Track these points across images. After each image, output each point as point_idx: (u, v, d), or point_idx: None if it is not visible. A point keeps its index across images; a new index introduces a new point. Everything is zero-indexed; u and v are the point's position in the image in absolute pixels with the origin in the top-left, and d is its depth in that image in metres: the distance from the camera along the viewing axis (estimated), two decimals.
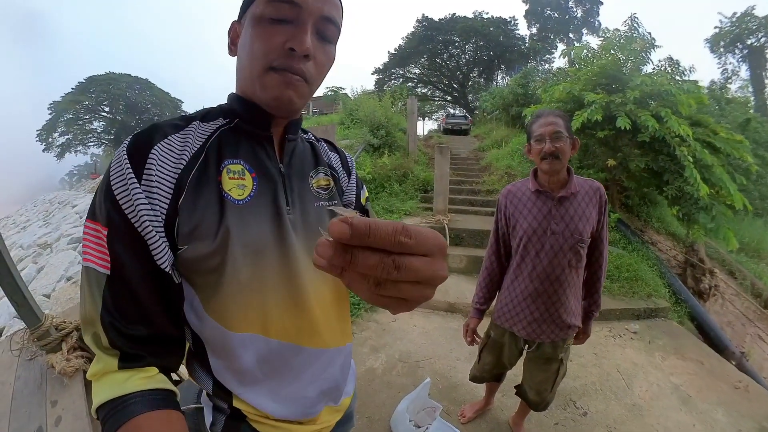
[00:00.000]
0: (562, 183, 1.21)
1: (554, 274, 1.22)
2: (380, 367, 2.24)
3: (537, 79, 9.68)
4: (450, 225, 4.20)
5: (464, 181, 6.34)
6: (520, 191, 1.30)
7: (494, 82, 23.82)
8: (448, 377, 2.15)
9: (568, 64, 6.55)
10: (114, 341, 0.43)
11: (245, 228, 0.48)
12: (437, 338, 2.61)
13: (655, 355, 2.52)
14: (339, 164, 0.67)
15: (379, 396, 1.97)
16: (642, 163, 4.10)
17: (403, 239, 0.21)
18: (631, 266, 3.53)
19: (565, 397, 2.00)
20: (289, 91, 0.47)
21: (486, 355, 1.52)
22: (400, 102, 10.59)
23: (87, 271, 0.44)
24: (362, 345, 2.50)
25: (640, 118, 3.77)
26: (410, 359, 2.33)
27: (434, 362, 2.30)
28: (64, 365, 1.61)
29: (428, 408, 1.71)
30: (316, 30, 0.47)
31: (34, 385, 1.55)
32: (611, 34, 4.85)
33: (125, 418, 0.41)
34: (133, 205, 0.43)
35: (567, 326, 1.28)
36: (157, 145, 0.46)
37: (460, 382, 2.09)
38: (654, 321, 3.03)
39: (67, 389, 1.53)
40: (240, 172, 0.50)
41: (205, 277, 0.48)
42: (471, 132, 12.51)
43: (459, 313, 2.99)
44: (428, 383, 1.71)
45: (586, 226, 1.19)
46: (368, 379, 2.13)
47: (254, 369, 0.52)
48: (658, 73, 4.50)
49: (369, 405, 1.90)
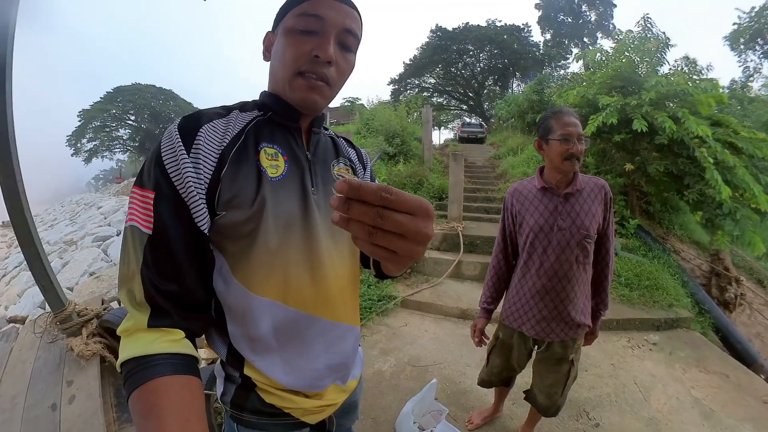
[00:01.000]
0: (567, 180, 1.23)
1: (562, 270, 1.22)
2: (389, 370, 2.23)
3: (552, 85, 9.57)
4: (464, 232, 4.17)
5: (479, 189, 6.32)
6: (526, 189, 1.30)
7: (509, 89, 23.62)
8: (456, 383, 2.12)
9: (582, 68, 6.46)
10: (149, 293, 0.46)
11: (278, 201, 0.54)
12: (448, 344, 2.57)
13: (676, 367, 2.40)
14: (356, 158, 0.74)
15: (386, 398, 1.96)
16: (661, 167, 3.96)
17: (384, 194, 0.27)
18: (651, 274, 3.39)
19: (579, 407, 1.93)
20: (314, 94, 0.55)
21: (494, 357, 1.49)
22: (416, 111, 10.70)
23: (132, 230, 0.48)
24: (372, 348, 2.49)
25: (657, 120, 3.67)
26: (419, 364, 2.31)
27: (443, 367, 2.27)
28: (83, 348, 1.69)
29: (434, 411, 1.68)
30: (338, 40, 0.55)
31: (53, 365, 1.63)
32: (624, 36, 4.78)
33: (147, 378, 0.42)
34: (180, 173, 0.48)
35: (576, 324, 1.26)
36: (204, 125, 0.52)
37: (469, 388, 2.06)
38: (675, 332, 2.90)
39: (83, 371, 1.60)
40: (274, 154, 0.56)
41: (237, 242, 0.52)
42: (487, 140, 12.45)
43: (471, 320, 2.92)
44: (434, 384, 1.69)
45: (592, 222, 1.20)
46: (376, 381, 2.12)
47: (269, 336, 0.55)
48: (674, 73, 4.38)
49: (375, 407, 1.89)
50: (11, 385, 1.51)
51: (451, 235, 4.18)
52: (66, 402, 1.42)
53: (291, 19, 0.54)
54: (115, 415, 1.53)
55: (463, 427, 1.77)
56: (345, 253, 0.63)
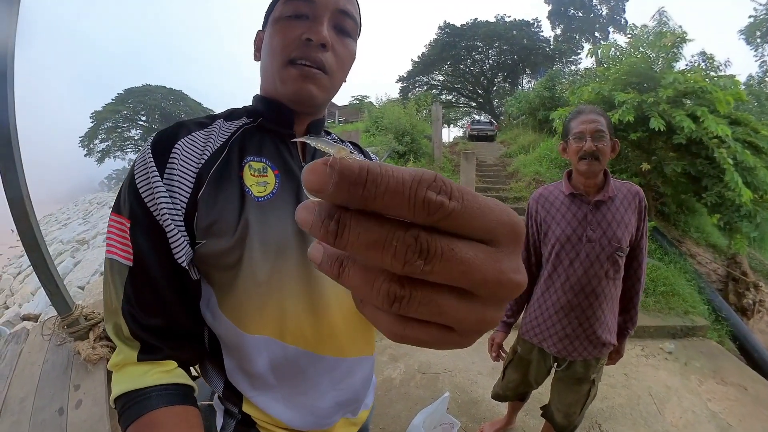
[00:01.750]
0: (598, 186, 1.13)
1: (590, 286, 1.13)
2: (398, 378, 2.19)
3: (564, 81, 9.40)
4: None
5: (491, 188, 6.19)
6: (552, 195, 1.20)
7: (519, 86, 23.22)
8: (468, 392, 2.07)
9: (595, 64, 6.30)
10: (134, 331, 0.44)
11: (265, 225, 0.47)
12: (459, 351, 2.51)
13: (691, 378, 2.32)
14: None
15: (395, 407, 1.93)
16: (678, 167, 3.85)
17: (437, 197, 0.12)
18: (667, 279, 3.29)
19: (591, 419, 1.87)
20: (308, 84, 0.48)
21: (511, 372, 1.41)
22: (425, 109, 10.61)
23: (111, 263, 0.45)
24: (381, 353, 2.46)
25: (675, 119, 3.56)
26: (430, 371, 2.27)
27: (454, 375, 2.23)
28: (90, 352, 1.69)
29: (445, 424, 1.64)
30: (334, 23, 0.49)
31: (60, 369, 1.64)
32: (639, 31, 4.64)
33: (142, 412, 0.41)
34: (155, 199, 0.43)
35: (602, 344, 1.17)
36: (180, 140, 0.46)
37: (481, 398, 2.00)
38: (691, 340, 2.81)
39: (90, 375, 1.61)
40: (262, 169, 0.50)
41: (222, 273, 0.47)
42: (497, 138, 12.22)
43: None
44: (447, 398, 1.63)
45: (625, 233, 1.09)
46: (385, 389, 2.09)
47: (267, 374, 0.50)
48: (691, 69, 4.28)
49: (384, 416, 1.86)
50: (20, 387, 1.53)
51: None
52: (73, 406, 1.43)
53: (279, 8, 0.49)
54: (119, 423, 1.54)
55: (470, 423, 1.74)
56: None
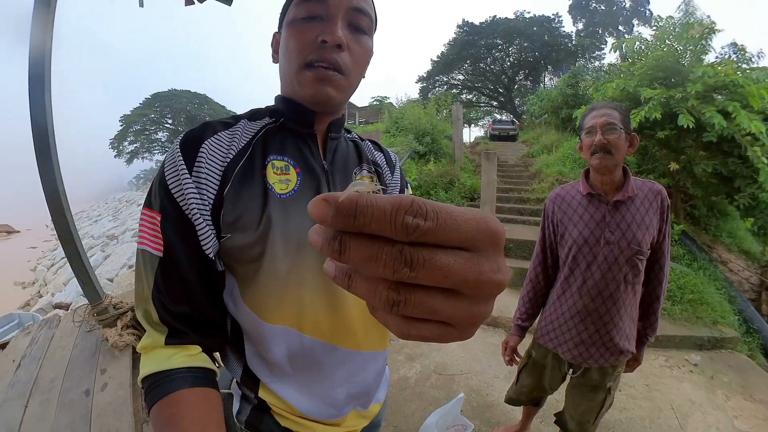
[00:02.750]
0: (617, 185, 1.07)
1: (607, 291, 1.08)
2: (413, 377, 2.19)
3: (587, 78, 9.08)
4: None
5: (512, 189, 6.08)
6: (569, 195, 1.16)
7: (541, 84, 22.66)
8: (483, 395, 2.04)
9: (619, 59, 6.04)
10: (163, 317, 0.47)
11: (287, 221, 0.49)
12: (476, 353, 2.49)
13: (718, 392, 2.19)
14: (383, 161, 0.68)
15: (409, 406, 1.93)
16: (709, 167, 3.63)
17: (413, 220, 0.14)
18: (695, 287, 3.12)
19: (608, 429, 1.82)
20: (325, 86, 0.49)
21: (525, 376, 1.39)
22: (445, 109, 10.51)
23: (142, 254, 0.48)
24: (398, 352, 2.46)
25: (705, 115, 3.35)
26: (446, 372, 2.26)
27: (470, 378, 2.20)
28: (117, 339, 1.81)
29: (458, 426, 1.63)
30: (348, 22, 0.49)
31: (88, 354, 1.75)
32: (665, 23, 4.38)
33: (167, 392, 0.43)
34: (184, 195, 0.46)
35: (619, 351, 1.12)
36: (207, 140, 0.49)
37: (496, 402, 1.97)
38: (719, 352, 2.64)
39: (116, 360, 1.72)
40: (284, 167, 0.51)
41: (245, 266, 0.49)
42: (519, 137, 11.97)
43: (501, 328, 2.83)
44: (461, 399, 1.62)
45: (646, 235, 1.04)
46: (400, 387, 2.10)
47: (284, 363, 0.53)
48: (721, 62, 3.98)
49: (397, 414, 1.87)
50: (51, 369, 1.65)
51: None
52: (99, 389, 1.53)
53: (293, 10, 0.49)
54: (144, 403, 1.63)
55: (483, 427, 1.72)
56: None
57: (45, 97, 1.26)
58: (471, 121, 24.05)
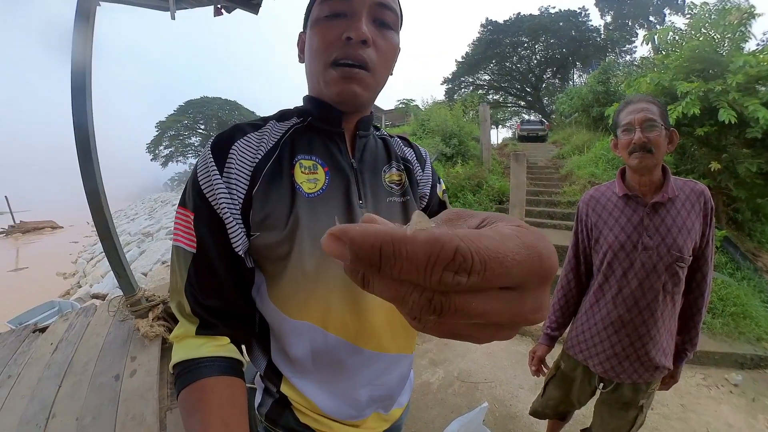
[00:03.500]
0: (656, 185, 1.00)
1: (644, 300, 1.01)
2: (436, 383, 2.17)
3: (618, 74, 8.64)
4: None
5: (542, 192, 5.90)
6: (604, 197, 1.09)
7: (570, 81, 21.91)
8: (507, 406, 1.98)
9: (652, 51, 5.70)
10: (194, 309, 0.49)
11: (315, 220, 0.50)
12: (501, 361, 2.42)
13: (759, 417, 2.00)
14: (413, 157, 0.67)
15: (430, 412, 1.92)
16: (754, 166, 3.33)
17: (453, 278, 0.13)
18: (738, 299, 2.87)
19: None
20: (352, 85, 0.48)
21: (552, 389, 1.31)
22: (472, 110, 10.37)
23: (177, 250, 0.50)
24: (422, 357, 2.44)
25: (748, 109, 3.09)
26: (469, 379, 2.22)
27: (494, 387, 2.15)
28: (148, 330, 1.93)
29: None
30: (373, 17, 0.49)
31: (120, 342, 1.89)
32: (699, 10, 4.02)
33: (195, 378, 0.45)
34: (215, 195, 0.48)
35: (654, 367, 1.04)
36: (237, 142, 0.50)
37: (520, 414, 1.91)
38: (762, 373, 2.41)
39: (146, 349, 1.84)
40: (312, 167, 0.52)
41: (273, 264, 0.51)
42: (548, 138, 11.58)
43: (529, 337, 2.75)
44: (485, 408, 1.56)
45: (687, 240, 0.96)
46: (422, 392, 2.08)
47: (307, 360, 0.53)
48: (764, 49, 3.60)
49: (418, 420, 1.85)
50: (85, 353, 1.79)
51: None
52: (128, 375, 1.64)
53: (317, 8, 0.50)
54: (170, 390, 1.72)
55: None
56: None
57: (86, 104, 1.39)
58: (498, 122, 23.57)
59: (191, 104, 36.46)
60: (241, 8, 1.90)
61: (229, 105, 37.59)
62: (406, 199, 0.60)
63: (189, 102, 36.68)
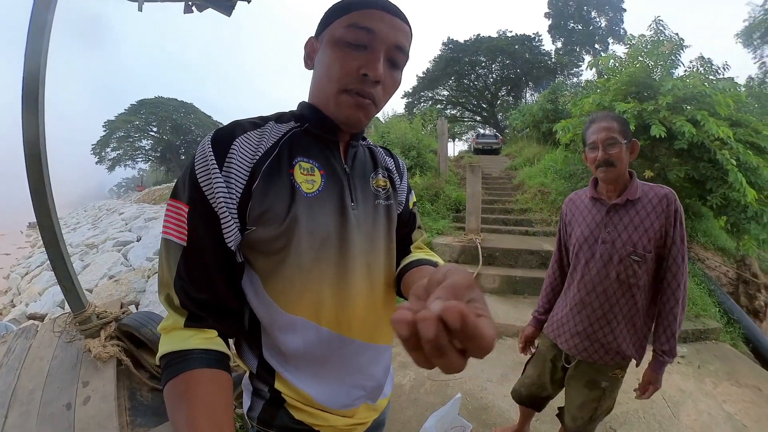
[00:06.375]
0: (621, 190, 1.14)
1: (601, 287, 1.15)
2: (408, 384, 2.19)
3: (566, 94, 9.45)
4: (483, 244, 4.13)
5: (496, 201, 6.26)
6: (579, 198, 1.27)
7: (523, 99, 23.55)
8: (478, 398, 2.07)
9: (596, 75, 6.38)
10: (183, 303, 0.48)
11: (313, 218, 0.52)
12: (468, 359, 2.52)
13: (706, 381, 2.28)
14: (393, 167, 0.72)
15: (405, 413, 1.93)
16: (681, 172, 3.84)
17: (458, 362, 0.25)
18: None
19: (605, 424, 1.85)
20: (359, 113, 0.52)
21: (530, 367, 1.47)
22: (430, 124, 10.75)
23: (166, 243, 0.50)
24: (392, 360, 2.44)
25: (676, 125, 3.57)
26: (439, 377, 2.26)
27: (464, 382, 2.21)
28: (100, 350, 1.72)
29: (457, 427, 1.62)
30: (388, 57, 0.52)
31: (69, 365, 1.65)
32: (637, 41, 4.65)
33: (181, 370, 0.45)
34: (212, 189, 0.48)
35: (614, 351, 1.16)
36: (238, 138, 0.51)
37: (491, 404, 2.00)
38: (704, 344, 2.76)
39: (99, 373, 1.62)
40: (310, 169, 0.55)
41: (268, 258, 0.52)
42: (502, 151, 12.36)
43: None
44: (459, 399, 1.62)
45: (642, 237, 1.09)
46: (396, 394, 2.08)
47: (300, 353, 0.55)
48: (690, 74, 4.24)
49: (394, 422, 1.86)
50: (29, 380, 1.55)
51: (469, 247, 4.14)
52: (81, 402, 1.44)
53: (339, 29, 0.51)
54: (129, 418, 1.54)
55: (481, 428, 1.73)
56: (381, 271, 0.61)
57: (39, 100, 1.24)
58: (455, 135, 24.67)
59: (144, 104, 32.85)
60: (214, 8, 1.83)
61: (185, 107, 34.66)
62: (390, 203, 0.65)
63: (142, 101, 33.04)
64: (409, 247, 0.73)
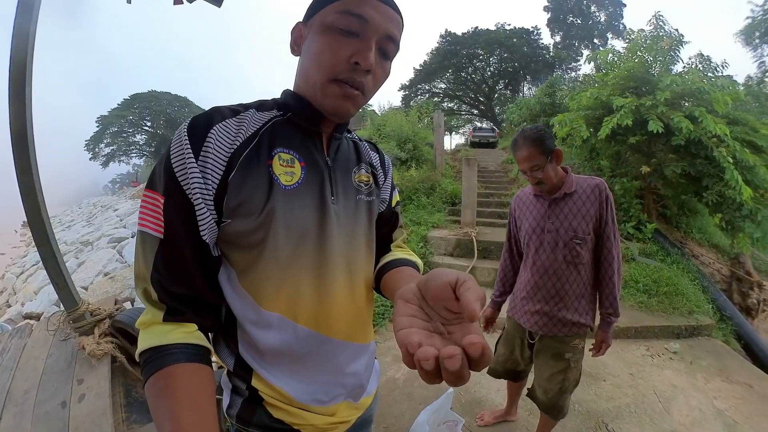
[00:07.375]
0: (557, 188, 1.31)
1: (551, 269, 1.32)
2: (401, 378, 2.21)
3: (564, 88, 9.45)
4: (478, 237, 4.13)
5: (492, 194, 6.27)
6: (525, 196, 1.45)
7: (520, 93, 23.46)
8: (471, 392, 2.09)
9: (594, 69, 6.36)
10: (161, 297, 0.47)
11: (291, 211, 0.50)
12: None
13: (697, 376, 2.32)
14: (378, 163, 0.69)
15: (399, 407, 1.94)
16: (678, 168, 3.85)
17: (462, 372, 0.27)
18: (670, 280, 3.29)
19: (597, 418, 1.88)
20: (348, 103, 0.51)
21: (500, 346, 1.61)
22: (427, 117, 10.68)
23: (142, 235, 0.48)
24: (385, 354, 2.46)
25: (673, 120, 3.57)
26: None
27: None
28: (94, 348, 1.70)
29: (449, 422, 1.64)
30: (379, 47, 0.51)
31: (64, 363, 1.65)
32: (636, 36, 4.62)
33: (162, 365, 0.44)
34: (188, 179, 0.46)
35: (571, 323, 1.31)
36: (215, 126, 0.49)
37: (484, 398, 2.03)
38: (696, 340, 2.80)
39: (93, 370, 1.62)
40: (290, 160, 0.53)
41: (245, 251, 0.50)
42: (499, 145, 12.32)
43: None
44: (451, 394, 1.64)
45: (581, 223, 1.27)
46: (389, 389, 2.10)
47: (277, 350, 0.53)
48: (689, 71, 4.24)
49: (387, 415, 1.87)
50: (23, 380, 1.54)
51: (464, 240, 4.14)
52: (76, 400, 1.44)
53: (331, 14, 0.49)
54: (124, 415, 1.54)
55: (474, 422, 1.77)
56: (361, 268, 0.60)
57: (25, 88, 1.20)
58: (452, 128, 24.51)
59: (137, 98, 32.29)
60: None
61: (179, 101, 33.96)
62: (372, 199, 0.63)
63: (135, 96, 32.46)
64: (390, 246, 0.72)
